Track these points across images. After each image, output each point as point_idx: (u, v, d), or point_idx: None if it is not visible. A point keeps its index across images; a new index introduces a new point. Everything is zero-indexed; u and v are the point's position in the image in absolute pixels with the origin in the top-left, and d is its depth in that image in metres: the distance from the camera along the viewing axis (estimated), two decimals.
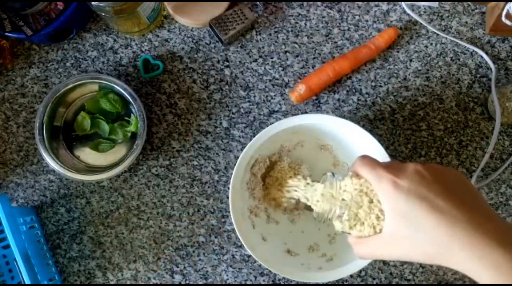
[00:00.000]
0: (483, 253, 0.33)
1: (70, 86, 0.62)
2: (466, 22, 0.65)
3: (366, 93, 0.65)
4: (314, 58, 0.66)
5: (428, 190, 0.36)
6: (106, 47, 0.67)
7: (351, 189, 0.42)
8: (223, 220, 0.65)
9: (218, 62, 0.66)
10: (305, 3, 0.66)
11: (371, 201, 0.41)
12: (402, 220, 0.37)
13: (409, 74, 0.65)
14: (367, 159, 0.41)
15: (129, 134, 0.64)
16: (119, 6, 0.56)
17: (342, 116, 0.61)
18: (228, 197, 0.55)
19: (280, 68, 0.66)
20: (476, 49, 0.64)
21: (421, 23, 0.65)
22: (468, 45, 0.65)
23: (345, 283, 0.63)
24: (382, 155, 0.53)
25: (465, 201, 0.36)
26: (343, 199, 0.43)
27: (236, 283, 0.64)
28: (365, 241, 0.41)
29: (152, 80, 0.66)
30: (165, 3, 0.65)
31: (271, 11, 0.66)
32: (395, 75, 0.65)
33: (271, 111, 0.66)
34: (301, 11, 0.66)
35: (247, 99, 0.66)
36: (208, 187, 0.65)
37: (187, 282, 0.64)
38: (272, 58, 0.66)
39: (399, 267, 0.63)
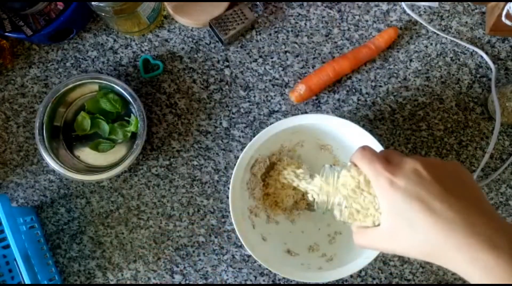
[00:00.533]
0: (475, 256, 0.34)
1: (70, 86, 0.62)
2: (466, 22, 0.65)
3: (366, 93, 0.65)
4: (314, 58, 0.66)
5: (425, 191, 0.36)
6: (106, 47, 0.67)
7: (350, 180, 0.42)
8: (223, 220, 0.65)
9: (218, 62, 0.66)
10: (305, 3, 0.66)
11: (369, 193, 0.41)
12: (398, 218, 0.37)
13: (409, 74, 0.65)
14: (366, 152, 0.41)
15: (129, 134, 0.64)
16: (119, 6, 0.56)
17: (342, 116, 0.61)
18: (228, 197, 0.55)
19: (280, 68, 0.66)
20: (476, 49, 0.64)
21: (421, 23, 0.65)
22: (468, 45, 0.65)
23: (345, 283, 0.63)
24: None
25: (462, 200, 0.36)
26: (341, 190, 0.43)
27: (236, 283, 0.64)
28: (365, 232, 0.41)
29: (152, 80, 0.66)
30: (165, 3, 0.65)
31: (271, 11, 0.66)
32: (395, 75, 0.65)
33: (271, 111, 0.66)
34: (301, 11, 0.66)
35: (247, 99, 0.66)
36: (208, 187, 0.65)
37: (187, 282, 0.64)
38: (272, 58, 0.66)
39: (399, 267, 0.63)
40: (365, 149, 0.41)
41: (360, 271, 0.63)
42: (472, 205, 0.36)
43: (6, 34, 0.61)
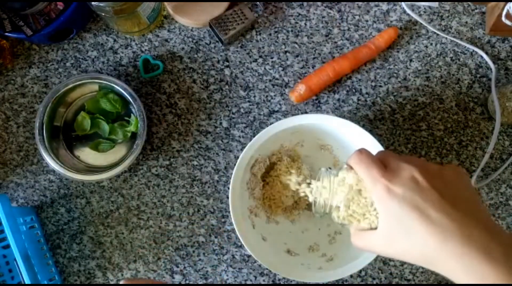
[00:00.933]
0: (470, 264, 0.34)
1: (70, 86, 0.62)
2: (466, 22, 0.65)
3: (366, 93, 0.65)
4: (314, 58, 0.66)
5: (422, 199, 0.36)
6: (106, 47, 0.67)
7: (346, 183, 0.42)
8: (223, 220, 0.65)
9: (218, 62, 0.66)
10: (305, 3, 0.66)
11: (365, 196, 0.41)
12: (395, 224, 0.37)
13: (409, 74, 0.65)
14: (363, 156, 0.40)
15: (129, 134, 0.64)
16: (119, 6, 0.56)
17: (342, 116, 0.61)
18: (228, 197, 0.55)
19: (280, 68, 0.66)
20: (476, 49, 0.64)
21: (421, 23, 0.65)
22: (468, 45, 0.65)
23: (345, 283, 0.63)
24: None
25: (459, 208, 0.36)
26: (338, 192, 0.43)
27: (236, 283, 0.64)
28: (362, 234, 0.41)
29: (152, 80, 0.66)
30: (165, 3, 0.65)
31: (271, 11, 0.66)
32: (395, 75, 0.65)
33: (271, 111, 0.66)
34: (301, 11, 0.66)
35: (247, 99, 0.66)
36: (208, 187, 0.65)
37: (187, 282, 0.64)
38: (272, 58, 0.66)
39: (399, 267, 0.63)
40: (362, 153, 0.41)
41: (360, 271, 0.63)
42: (468, 213, 0.36)
43: (6, 34, 0.61)
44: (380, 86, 0.65)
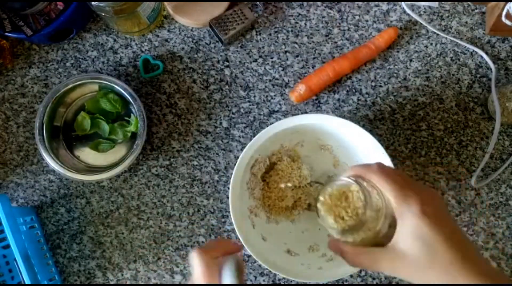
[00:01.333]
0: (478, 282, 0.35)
1: (70, 86, 0.62)
2: (466, 22, 0.65)
3: (366, 93, 0.65)
4: (314, 58, 0.66)
5: (451, 222, 0.38)
6: (106, 47, 0.67)
7: (355, 196, 0.40)
8: (223, 220, 0.65)
9: (218, 62, 0.66)
10: (305, 3, 0.66)
11: (373, 210, 0.40)
12: (419, 244, 0.36)
13: (409, 74, 0.65)
14: (390, 171, 0.40)
15: (129, 134, 0.64)
16: (119, 6, 0.56)
17: (342, 116, 0.61)
18: (228, 197, 0.55)
19: (280, 68, 0.66)
20: (476, 49, 0.64)
21: (421, 23, 0.65)
22: (468, 45, 0.65)
23: (345, 283, 0.63)
24: (382, 155, 0.53)
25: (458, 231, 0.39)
26: (340, 204, 0.42)
27: None
28: (368, 252, 0.40)
29: (152, 80, 0.66)
30: (165, 3, 0.65)
31: (271, 11, 0.66)
32: (395, 75, 0.65)
33: (271, 111, 0.66)
34: (301, 11, 0.66)
35: (247, 99, 0.66)
36: (208, 187, 0.65)
37: (187, 282, 0.64)
38: (272, 58, 0.66)
39: None
40: (385, 167, 0.41)
41: (360, 271, 0.63)
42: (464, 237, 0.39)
43: (6, 34, 0.61)
44: (380, 86, 0.65)
